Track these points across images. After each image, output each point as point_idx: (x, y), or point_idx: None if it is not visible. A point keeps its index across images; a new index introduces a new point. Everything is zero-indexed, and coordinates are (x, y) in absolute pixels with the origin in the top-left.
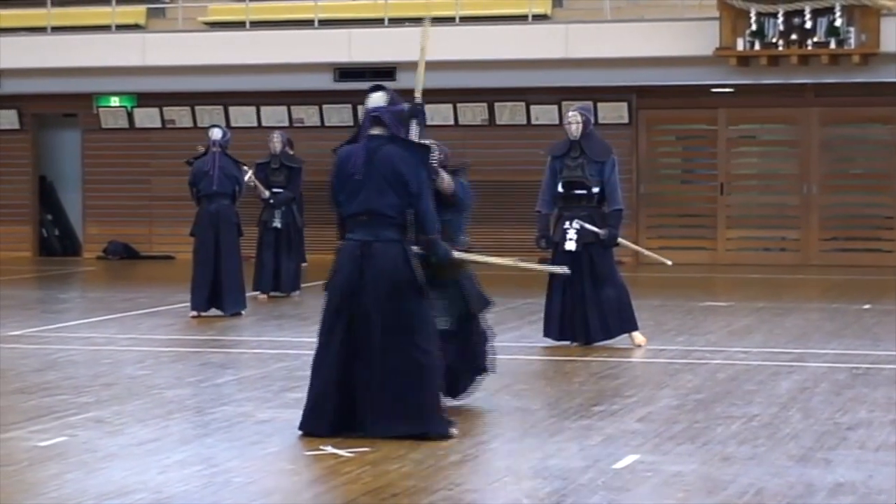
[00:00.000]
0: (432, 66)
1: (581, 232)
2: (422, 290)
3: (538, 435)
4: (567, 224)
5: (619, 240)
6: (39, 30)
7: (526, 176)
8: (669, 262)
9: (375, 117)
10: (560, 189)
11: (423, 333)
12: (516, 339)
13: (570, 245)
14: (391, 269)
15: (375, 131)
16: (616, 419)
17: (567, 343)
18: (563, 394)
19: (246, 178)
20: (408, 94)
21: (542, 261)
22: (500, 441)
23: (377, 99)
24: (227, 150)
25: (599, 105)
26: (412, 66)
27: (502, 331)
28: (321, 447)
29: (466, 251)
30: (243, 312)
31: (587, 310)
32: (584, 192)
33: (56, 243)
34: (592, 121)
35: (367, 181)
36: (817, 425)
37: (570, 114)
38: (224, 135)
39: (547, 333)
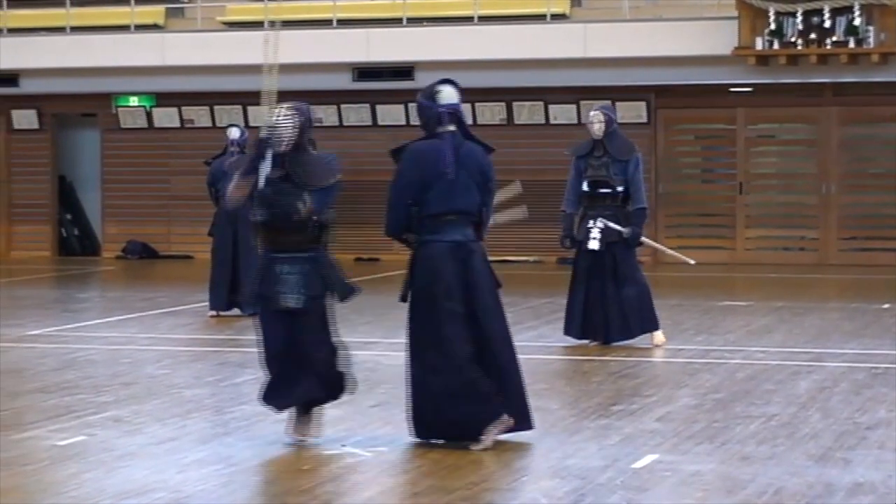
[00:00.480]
0: (451, 65)
1: (605, 231)
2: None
3: (557, 434)
4: (591, 223)
5: (643, 239)
6: (58, 30)
7: (544, 175)
8: (692, 262)
9: (452, 113)
10: (585, 188)
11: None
12: (535, 338)
13: (594, 244)
14: (487, 269)
15: (451, 128)
16: (635, 419)
17: (586, 342)
18: (581, 393)
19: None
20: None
21: (563, 260)
22: (518, 440)
23: (452, 94)
24: (246, 150)
25: (618, 105)
26: (431, 65)
27: (520, 330)
28: (340, 446)
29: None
30: None
31: (608, 309)
32: (608, 191)
33: (75, 243)
34: (615, 120)
35: (457, 180)
36: (836, 425)
37: (592, 113)
38: (242, 134)
39: (568, 332)
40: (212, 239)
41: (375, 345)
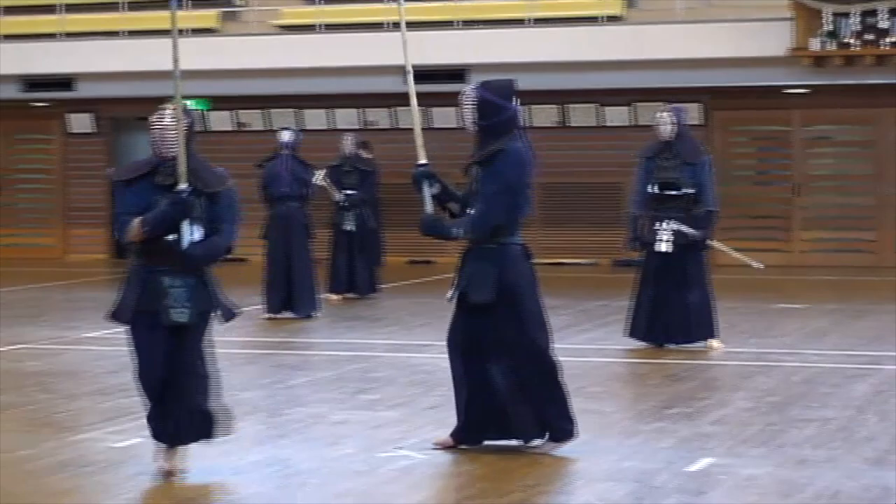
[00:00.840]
0: (504, 67)
1: (674, 233)
2: None
3: (612, 437)
4: (659, 225)
5: (711, 242)
6: (114, 34)
7: (598, 178)
8: (760, 265)
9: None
10: (653, 190)
11: None
12: (589, 341)
13: (663, 246)
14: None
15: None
16: (690, 422)
17: (644, 344)
18: (637, 396)
19: (315, 179)
20: None
21: (619, 262)
22: (573, 443)
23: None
24: (298, 153)
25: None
26: (484, 68)
27: (575, 333)
28: (395, 449)
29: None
30: (317, 314)
31: (672, 312)
32: (677, 193)
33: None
34: (685, 121)
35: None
36: (893, 428)
37: (662, 115)
38: (294, 137)
39: (632, 334)
40: (265, 242)
41: (430, 347)
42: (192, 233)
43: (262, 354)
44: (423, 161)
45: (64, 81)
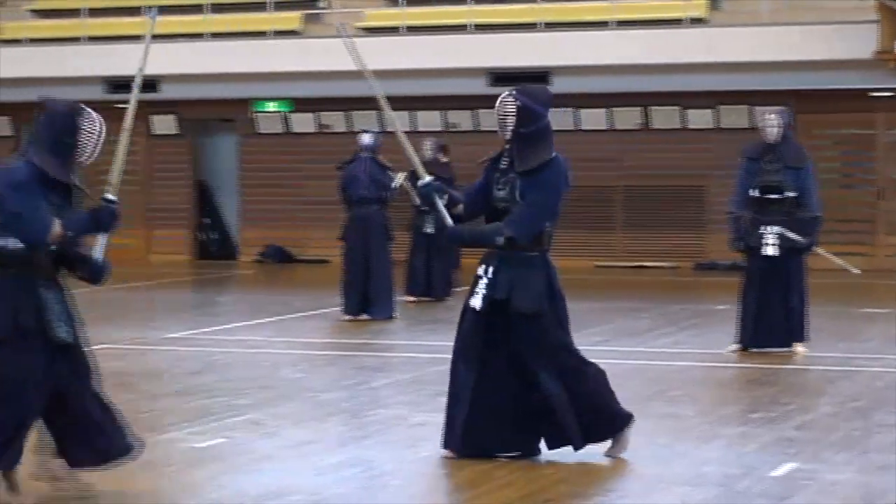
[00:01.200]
0: (587, 70)
1: (781, 238)
2: None
3: (692, 441)
4: (765, 229)
5: (816, 247)
6: (197, 36)
7: (680, 181)
8: (858, 271)
9: None
10: (755, 193)
11: None
12: (670, 344)
13: (770, 250)
14: None
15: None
16: (773, 426)
17: (726, 348)
18: (718, 400)
19: (394, 183)
20: (563, 99)
21: (701, 265)
22: (653, 447)
23: None
24: (378, 155)
25: (757, 109)
26: (567, 70)
27: (655, 336)
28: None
29: None
30: (394, 316)
31: (774, 316)
32: (779, 196)
33: (213, 247)
34: (790, 124)
35: None
36: None
37: (769, 116)
38: (373, 140)
39: (741, 341)
40: (343, 244)
41: None
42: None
43: (343, 356)
44: (426, 179)
45: (148, 83)
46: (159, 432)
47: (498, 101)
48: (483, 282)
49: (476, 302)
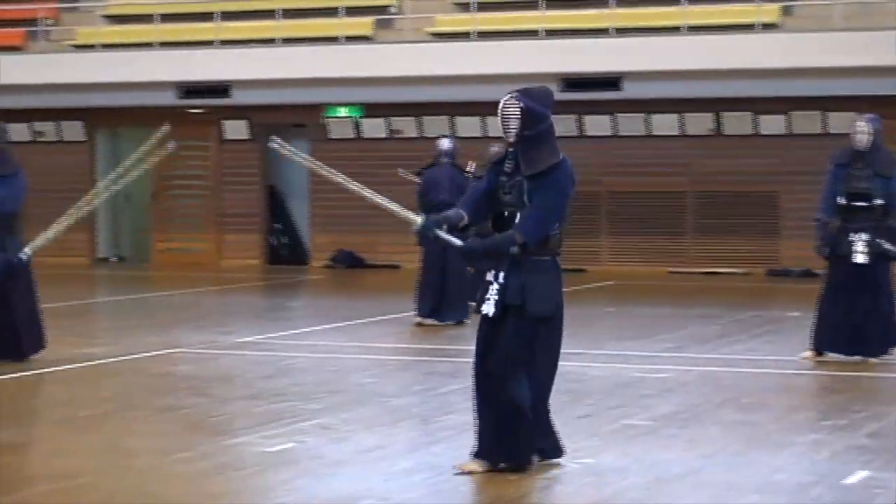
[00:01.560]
0: (659, 75)
1: (871, 245)
2: None
3: (764, 448)
4: (853, 236)
5: None
6: (269, 41)
7: (753, 187)
8: None
9: None
10: (842, 200)
11: None
12: (743, 351)
13: (860, 258)
14: None
15: None
16: (845, 434)
17: (799, 355)
18: (790, 407)
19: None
20: (634, 105)
21: (772, 272)
22: (724, 454)
23: None
24: (457, 160)
25: (830, 115)
26: (638, 75)
27: (727, 343)
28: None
29: None
30: (467, 321)
31: (863, 323)
32: (867, 204)
33: (284, 252)
34: (881, 132)
35: None
36: None
37: (860, 124)
38: (453, 145)
39: (819, 346)
40: (421, 249)
41: (581, 356)
42: None
43: (414, 361)
44: (417, 221)
45: (220, 88)
46: (231, 436)
47: (501, 104)
48: (494, 287)
49: (488, 308)
